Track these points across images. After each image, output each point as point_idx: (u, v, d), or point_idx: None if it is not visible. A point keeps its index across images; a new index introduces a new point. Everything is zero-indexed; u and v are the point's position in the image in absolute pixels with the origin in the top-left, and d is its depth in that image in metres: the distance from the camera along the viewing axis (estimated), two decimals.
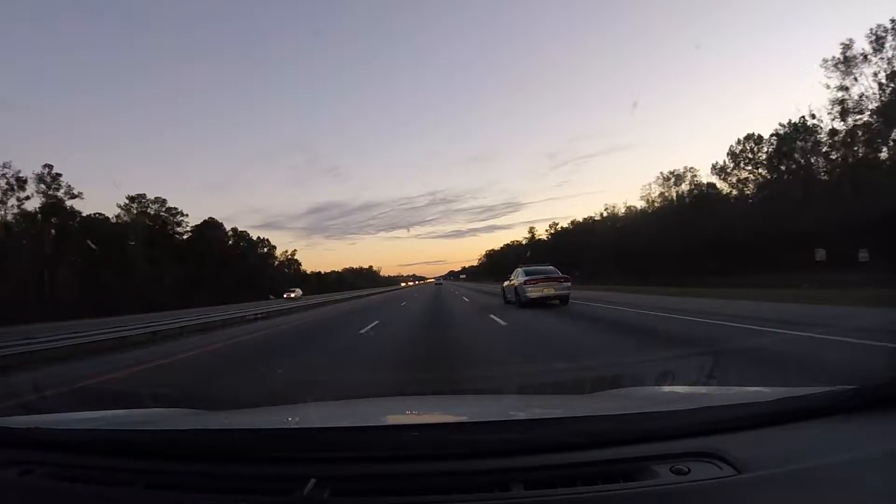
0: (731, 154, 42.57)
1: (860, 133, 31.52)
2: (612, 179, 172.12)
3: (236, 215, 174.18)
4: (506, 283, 16.19)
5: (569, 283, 13.55)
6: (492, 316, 11.18)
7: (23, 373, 7.56)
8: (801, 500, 0.79)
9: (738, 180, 42.59)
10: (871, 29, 30.57)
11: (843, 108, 32.09)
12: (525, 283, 13.35)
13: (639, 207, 53.28)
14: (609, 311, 11.19)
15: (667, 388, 1.89)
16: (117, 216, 56.60)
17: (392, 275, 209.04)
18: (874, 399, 1.09)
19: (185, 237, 64.33)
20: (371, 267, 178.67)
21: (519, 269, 14.71)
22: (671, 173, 49.05)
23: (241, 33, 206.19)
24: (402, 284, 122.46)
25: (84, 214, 50.30)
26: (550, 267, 14.40)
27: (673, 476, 0.86)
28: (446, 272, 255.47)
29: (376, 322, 12.13)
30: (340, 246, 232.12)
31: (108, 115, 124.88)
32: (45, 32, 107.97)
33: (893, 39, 29.88)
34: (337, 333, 10.59)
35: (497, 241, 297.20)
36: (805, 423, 1.03)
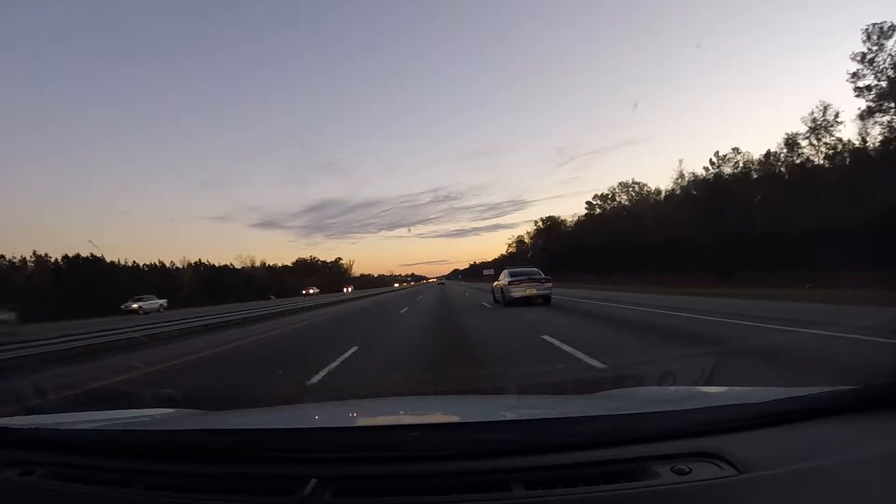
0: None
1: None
2: (622, 176, 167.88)
3: (234, 213, 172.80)
4: (495, 284, 17.59)
5: (550, 284, 14.89)
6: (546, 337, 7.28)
7: None
8: (801, 500, 0.79)
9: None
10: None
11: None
12: (509, 283, 14.69)
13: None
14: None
15: (667, 388, 1.89)
16: None
17: (385, 273, 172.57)
18: (874, 399, 1.09)
19: None
20: (339, 260, 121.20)
21: (505, 271, 16.23)
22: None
23: (233, 24, 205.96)
24: (347, 289, 69.65)
25: None
26: (534, 269, 16.21)
27: (674, 476, 0.86)
28: (450, 271, 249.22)
29: None
30: (342, 245, 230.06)
31: (97, 110, 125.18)
32: (35, 24, 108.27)
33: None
34: None
35: (498, 241, 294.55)
36: (805, 423, 1.03)
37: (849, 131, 34.52)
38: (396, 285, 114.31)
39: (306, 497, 0.83)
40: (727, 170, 38.80)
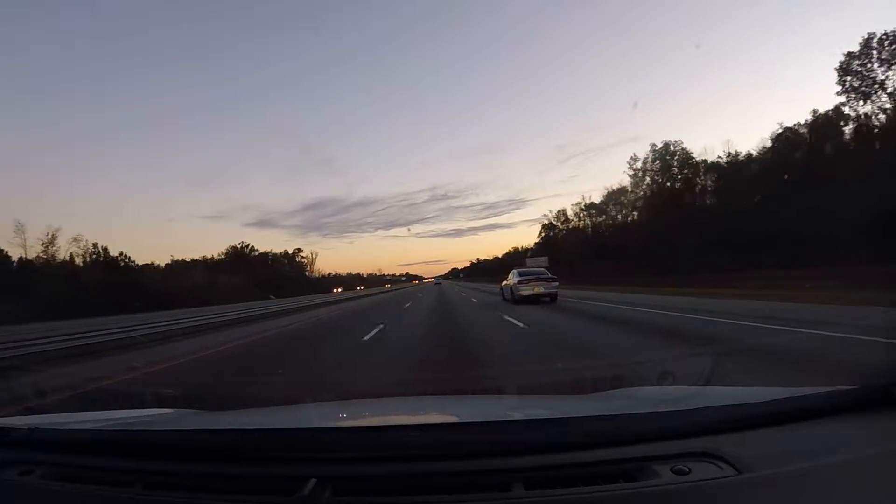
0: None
1: None
2: (623, 175, 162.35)
3: (229, 212, 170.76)
4: (503, 283, 18.36)
5: (556, 283, 15.66)
6: None
7: None
8: (801, 500, 0.79)
9: None
10: None
11: None
12: (518, 282, 15.53)
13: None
14: None
15: (667, 388, 1.89)
16: None
17: (375, 272, 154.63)
18: (874, 399, 1.09)
19: None
20: (298, 253, 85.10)
21: (514, 271, 17.03)
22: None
23: (230, 23, 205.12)
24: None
25: None
26: (542, 269, 17.33)
27: (674, 476, 0.86)
28: (448, 270, 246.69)
29: None
30: (339, 245, 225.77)
31: (93, 109, 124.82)
32: (33, 22, 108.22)
33: None
34: None
35: (496, 240, 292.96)
36: (805, 423, 1.03)
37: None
38: (337, 290, 58.15)
39: (306, 497, 0.83)
40: None
